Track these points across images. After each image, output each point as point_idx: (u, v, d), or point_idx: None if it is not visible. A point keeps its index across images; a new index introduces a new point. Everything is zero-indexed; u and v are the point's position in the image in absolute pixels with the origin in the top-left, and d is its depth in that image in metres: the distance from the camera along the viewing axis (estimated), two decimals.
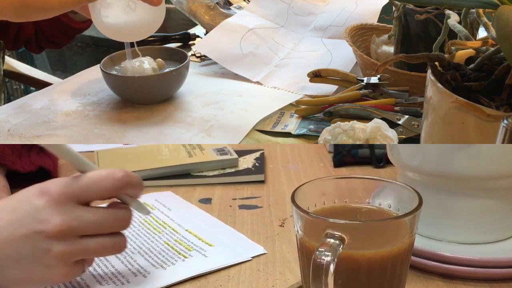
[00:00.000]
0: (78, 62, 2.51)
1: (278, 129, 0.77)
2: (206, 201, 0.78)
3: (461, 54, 0.52)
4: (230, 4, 1.14)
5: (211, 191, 0.81)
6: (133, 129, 0.76)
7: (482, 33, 0.67)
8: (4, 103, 0.97)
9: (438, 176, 0.57)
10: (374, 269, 0.43)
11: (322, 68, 0.84)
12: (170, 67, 0.85)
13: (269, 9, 1.07)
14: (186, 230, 0.68)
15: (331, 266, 0.39)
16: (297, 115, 0.80)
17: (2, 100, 1.00)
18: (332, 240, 0.41)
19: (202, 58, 1.01)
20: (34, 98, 0.86)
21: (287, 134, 0.76)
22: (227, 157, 0.88)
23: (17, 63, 1.34)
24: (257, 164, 0.89)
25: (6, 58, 1.19)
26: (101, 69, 0.82)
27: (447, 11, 0.56)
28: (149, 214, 0.56)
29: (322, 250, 0.40)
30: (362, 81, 0.79)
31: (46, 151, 0.80)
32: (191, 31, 1.15)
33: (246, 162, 0.90)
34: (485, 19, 0.49)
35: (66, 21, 0.93)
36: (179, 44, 1.12)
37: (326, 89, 0.85)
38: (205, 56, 1.00)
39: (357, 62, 0.88)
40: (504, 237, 0.59)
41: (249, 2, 1.12)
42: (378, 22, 0.97)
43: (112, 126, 0.77)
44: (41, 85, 1.20)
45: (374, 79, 0.78)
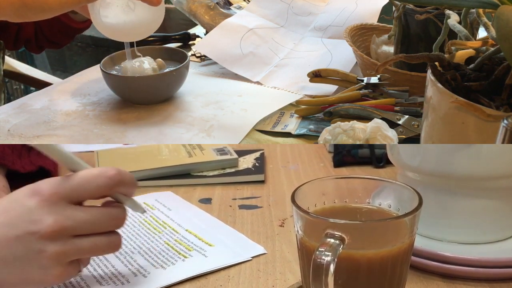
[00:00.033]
0: (78, 62, 2.51)
1: (278, 129, 0.77)
2: (206, 201, 0.78)
3: (461, 54, 0.52)
4: (230, 4, 1.14)
5: (211, 191, 0.81)
6: (133, 129, 0.76)
7: (482, 33, 0.67)
8: (4, 103, 0.97)
9: (438, 176, 0.57)
10: (374, 269, 0.43)
11: (322, 68, 0.84)
12: (170, 67, 0.85)
13: (269, 9, 1.07)
14: (186, 230, 0.68)
15: (331, 266, 0.39)
16: (297, 115, 0.80)
17: (2, 100, 1.00)
18: (332, 240, 0.41)
19: (202, 58, 1.01)
20: (34, 98, 0.86)
21: (287, 134, 0.76)
22: (227, 157, 0.88)
23: (17, 63, 1.34)
24: (257, 164, 0.89)
25: (6, 58, 1.19)
26: (101, 69, 0.82)
27: (447, 11, 0.56)
28: (144, 213, 0.55)
29: (322, 250, 0.40)
30: (362, 81, 0.79)
31: None
32: (191, 31, 1.15)
33: (246, 162, 0.90)
34: (485, 19, 0.49)
35: (66, 21, 0.93)
36: (179, 44, 1.12)
37: (326, 89, 0.85)
38: (205, 56, 1.00)
39: (357, 62, 0.88)
40: (504, 237, 0.59)
41: (249, 2, 1.12)
42: (378, 22, 0.97)
43: (112, 126, 0.77)
44: (41, 85, 1.20)
45: (374, 79, 0.78)
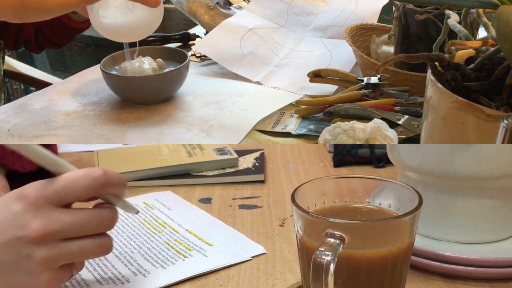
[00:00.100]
0: (78, 62, 2.52)
1: (278, 129, 0.77)
2: (206, 201, 0.78)
3: (461, 54, 0.52)
4: (230, 4, 1.14)
5: (211, 191, 0.81)
6: (133, 129, 0.76)
7: (482, 33, 0.67)
8: (4, 103, 0.97)
9: (438, 176, 0.57)
10: (374, 268, 0.43)
11: (322, 68, 0.84)
12: (170, 67, 0.85)
13: (269, 9, 1.07)
14: (186, 230, 0.68)
15: (331, 266, 0.39)
16: (297, 115, 0.80)
17: (2, 100, 1.00)
18: (332, 239, 0.41)
19: (202, 58, 1.01)
20: (34, 98, 0.86)
21: (287, 134, 0.76)
22: (227, 157, 0.88)
23: (17, 63, 1.34)
24: (257, 164, 0.89)
25: (6, 58, 1.19)
26: (101, 69, 0.82)
27: (447, 11, 0.56)
28: (137, 213, 0.53)
29: (322, 249, 0.40)
30: (362, 81, 0.79)
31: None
32: (191, 31, 1.15)
33: (246, 162, 0.90)
34: (485, 19, 0.49)
35: (66, 21, 0.93)
36: (179, 44, 1.12)
37: (326, 89, 0.85)
38: (205, 56, 1.00)
39: (357, 62, 0.88)
40: (504, 237, 0.59)
41: (249, 2, 1.12)
42: (378, 22, 0.97)
43: (112, 126, 0.77)
44: (41, 85, 1.20)
45: (374, 79, 0.78)
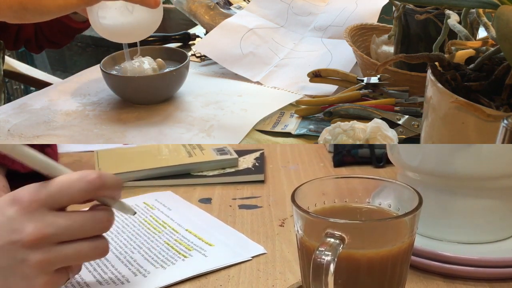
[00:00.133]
0: (78, 62, 2.52)
1: (278, 129, 0.77)
2: (206, 201, 0.78)
3: (461, 54, 0.52)
4: (230, 4, 1.14)
5: (211, 191, 0.81)
6: (133, 129, 0.76)
7: (482, 33, 0.67)
8: (4, 103, 0.97)
9: (438, 176, 0.57)
10: (374, 268, 0.43)
11: (322, 68, 0.84)
12: (170, 67, 0.85)
13: (269, 9, 1.07)
14: (186, 230, 0.68)
15: (331, 266, 0.39)
16: (297, 115, 0.80)
17: (2, 100, 1.00)
18: (332, 239, 0.41)
19: (202, 58, 1.01)
20: (34, 98, 0.86)
21: (287, 134, 0.76)
22: (227, 157, 0.88)
23: (17, 63, 1.34)
24: (257, 164, 0.89)
25: (6, 58, 1.19)
26: (101, 69, 0.82)
27: (447, 11, 0.56)
28: (134, 214, 0.53)
29: (322, 249, 0.40)
30: (362, 81, 0.79)
31: (47, 151, 0.80)
32: (191, 31, 1.15)
33: (246, 162, 0.90)
34: (485, 19, 0.49)
35: (66, 21, 0.93)
36: (179, 44, 1.12)
37: (326, 89, 0.85)
38: (205, 56, 1.00)
39: (357, 62, 0.88)
40: (504, 237, 0.59)
41: (249, 2, 1.12)
42: (378, 22, 0.97)
43: (112, 126, 0.77)
44: (41, 85, 1.20)
45: (374, 79, 0.78)
